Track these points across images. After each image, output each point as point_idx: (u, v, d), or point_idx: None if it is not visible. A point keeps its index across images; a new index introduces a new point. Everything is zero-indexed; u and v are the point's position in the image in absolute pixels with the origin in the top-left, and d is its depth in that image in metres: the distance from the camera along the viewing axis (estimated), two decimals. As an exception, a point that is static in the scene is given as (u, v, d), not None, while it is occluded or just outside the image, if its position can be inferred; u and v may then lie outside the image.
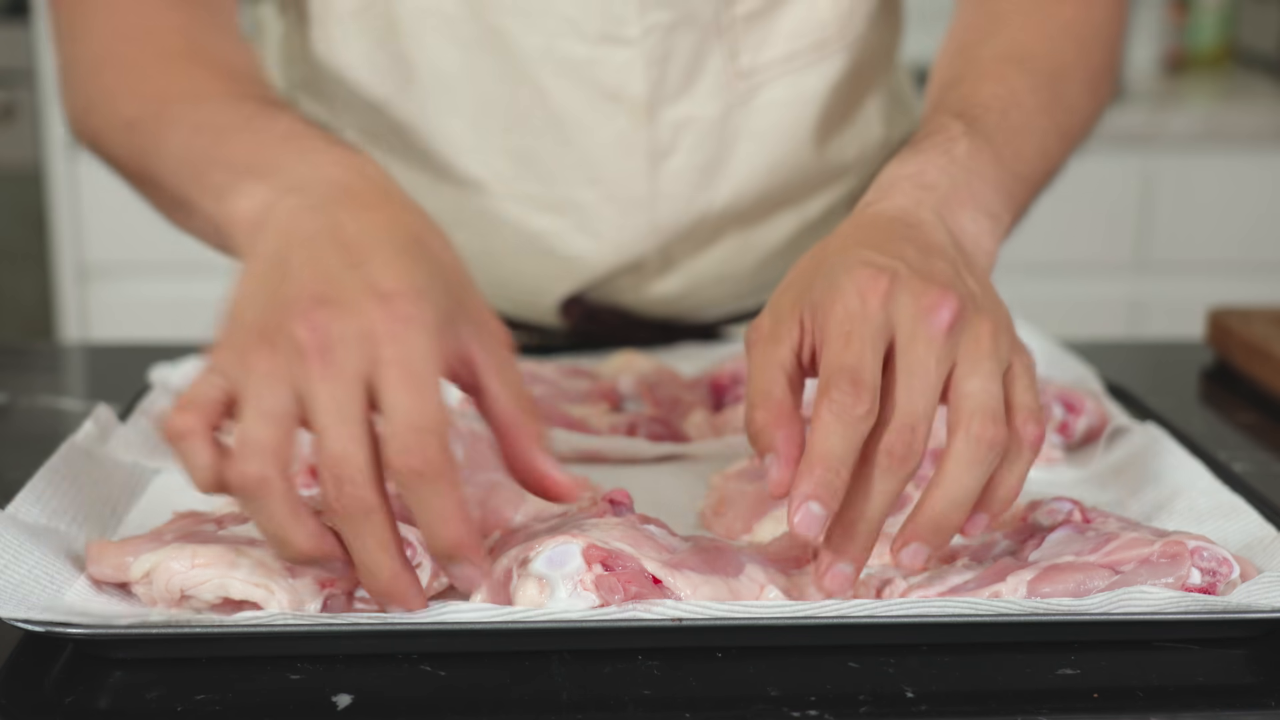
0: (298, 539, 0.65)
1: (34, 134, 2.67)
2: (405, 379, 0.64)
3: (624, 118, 1.07)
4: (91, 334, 2.64)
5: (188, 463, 0.66)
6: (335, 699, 0.65)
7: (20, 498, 0.78)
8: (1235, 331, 1.15)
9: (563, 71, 1.05)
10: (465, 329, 0.69)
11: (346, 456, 0.64)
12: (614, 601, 0.69)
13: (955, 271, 0.74)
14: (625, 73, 1.05)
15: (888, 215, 0.79)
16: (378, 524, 0.65)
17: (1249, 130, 2.65)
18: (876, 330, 0.70)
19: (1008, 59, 0.95)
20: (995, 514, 0.72)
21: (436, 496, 0.65)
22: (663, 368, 1.02)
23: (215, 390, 0.67)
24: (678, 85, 1.07)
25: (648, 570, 0.70)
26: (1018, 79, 0.92)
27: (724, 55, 1.07)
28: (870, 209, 0.80)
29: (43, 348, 1.24)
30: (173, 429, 0.66)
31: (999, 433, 0.70)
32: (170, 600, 0.70)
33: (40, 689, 0.66)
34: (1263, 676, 0.70)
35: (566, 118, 1.07)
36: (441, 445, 0.64)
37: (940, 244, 0.76)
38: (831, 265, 0.74)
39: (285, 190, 0.73)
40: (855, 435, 0.68)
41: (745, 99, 1.09)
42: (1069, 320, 2.59)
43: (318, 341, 0.64)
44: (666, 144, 1.08)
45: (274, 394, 0.65)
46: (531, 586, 0.69)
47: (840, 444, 0.68)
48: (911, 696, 0.67)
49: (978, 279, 0.75)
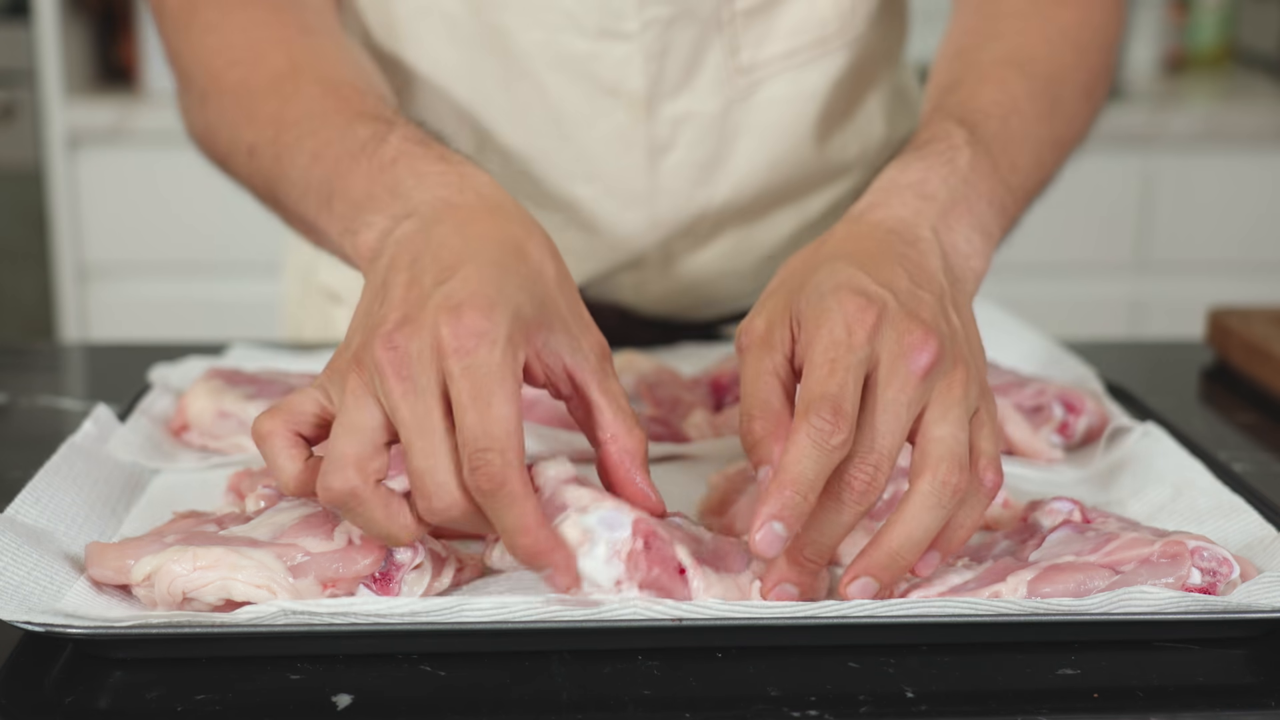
0: (399, 534, 0.69)
1: (34, 134, 2.67)
2: (471, 394, 0.66)
3: (622, 113, 1.07)
4: (91, 334, 2.64)
5: (270, 464, 0.71)
6: (335, 699, 0.65)
7: (20, 499, 0.78)
8: (1235, 331, 1.15)
9: (561, 67, 1.05)
10: (558, 339, 0.71)
11: (427, 470, 0.67)
12: (635, 580, 0.70)
13: (941, 307, 0.75)
14: (624, 67, 1.05)
15: (886, 227, 0.79)
16: (471, 526, 0.68)
17: (1249, 130, 2.65)
18: (860, 362, 0.71)
19: (1008, 63, 0.95)
20: (947, 553, 0.73)
21: (507, 510, 0.67)
22: (663, 368, 1.02)
23: (311, 404, 0.71)
24: (677, 80, 1.07)
25: (678, 558, 0.71)
26: (1018, 84, 0.93)
27: (724, 51, 1.07)
28: (868, 216, 0.81)
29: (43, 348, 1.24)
30: (257, 430, 0.71)
31: (963, 479, 0.71)
32: (172, 603, 0.70)
33: (40, 689, 0.66)
34: (1263, 676, 0.70)
35: (565, 114, 1.07)
36: (506, 461, 0.66)
37: (932, 270, 0.77)
38: (821, 279, 0.75)
39: (400, 217, 0.76)
40: (828, 462, 0.69)
41: (745, 95, 1.09)
42: (1069, 320, 2.59)
43: (395, 360, 0.67)
44: (666, 139, 1.08)
45: (360, 410, 0.68)
46: (575, 530, 0.70)
47: (812, 469, 0.69)
48: (911, 696, 0.67)
49: (960, 311, 0.77)
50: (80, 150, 2.59)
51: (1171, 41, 3.07)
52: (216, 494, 0.86)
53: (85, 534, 0.78)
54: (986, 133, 0.87)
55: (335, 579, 0.71)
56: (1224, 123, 2.65)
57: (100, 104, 2.60)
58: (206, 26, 0.96)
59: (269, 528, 0.73)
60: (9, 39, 2.66)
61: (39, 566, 0.71)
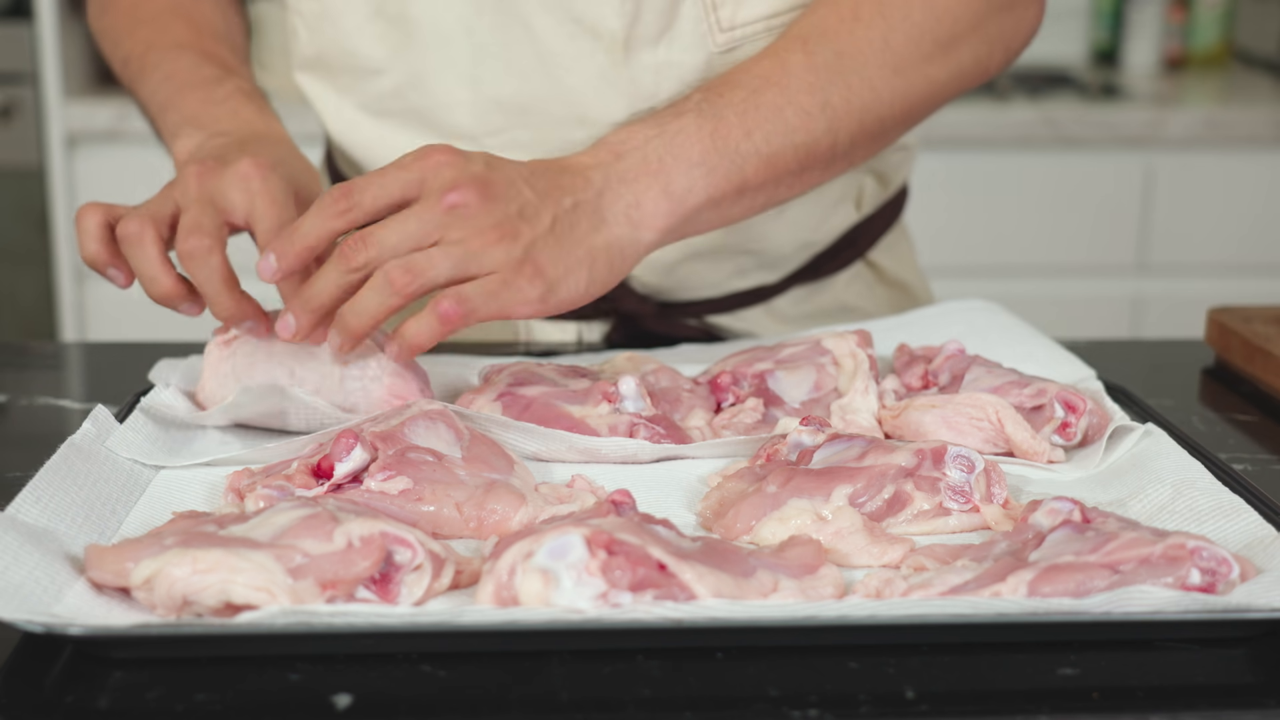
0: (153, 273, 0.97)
1: (34, 134, 2.67)
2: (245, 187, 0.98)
3: (603, 54, 1.09)
4: (91, 334, 2.64)
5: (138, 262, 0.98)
6: (335, 699, 0.65)
7: (20, 498, 0.78)
8: (1235, 331, 1.15)
9: (547, 8, 1.09)
10: (300, 183, 1.01)
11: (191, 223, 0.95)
12: (621, 585, 0.69)
13: (523, 191, 0.91)
14: (601, 6, 1.08)
15: (564, 163, 0.96)
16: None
17: (1249, 130, 2.65)
18: (401, 181, 0.90)
19: (797, 38, 1.04)
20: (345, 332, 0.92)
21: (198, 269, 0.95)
22: (663, 368, 1.02)
23: (169, 205, 0.99)
24: (655, 27, 1.09)
25: (654, 556, 0.70)
26: (794, 58, 1.02)
27: (701, 4, 1.09)
28: (563, 159, 0.97)
29: (43, 347, 1.24)
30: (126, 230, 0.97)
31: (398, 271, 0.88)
32: (171, 606, 0.70)
33: (40, 689, 0.66)
34: (1263, 676, 0.70)
35: (551, 54, 1.10)
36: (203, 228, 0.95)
37: (554, 182, 0.93)
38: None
39: (215, 135, 1.05)
40: (327, 229, 0.90)
41: (726, 50, 1.11)
42: (1069, 320, 2.59)
43: (201, 172, 0.98)
44: (649, 88, 1.10)
45: (161, 202, 0.98)
46: (535, 580, 0.69)
47: (312, 231, 0.90)
48: (911, 696, 0.67)
49: (557, 221, 0.92)
50: (80, 150, 2.59)
51: (1171, 41, 3.07)
52: (216, 494, 0.86)
53: (85, 533, 0.78)
54: (725, 102, 0.99)
55: (334, 580, 0.71)
56: (1224, 123, 2.65)
57: (100, 104, 2.60)
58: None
59: (268, 528, 0.73)
60: (9, 39, 2.66)
61: (39, 566, 0.71)
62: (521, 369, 0.99)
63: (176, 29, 1.18)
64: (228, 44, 1.19)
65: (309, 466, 0.83)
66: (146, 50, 1.16)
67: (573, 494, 0.85)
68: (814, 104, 1.01)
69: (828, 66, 1.02)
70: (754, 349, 1.05)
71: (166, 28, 1.18)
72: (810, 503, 0.82)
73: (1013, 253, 2.69)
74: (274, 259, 0.90)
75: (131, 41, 1.19)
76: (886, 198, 1.27)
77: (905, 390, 1.01)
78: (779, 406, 0.98)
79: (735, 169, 0.99)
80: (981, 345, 1.08)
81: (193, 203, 0.96)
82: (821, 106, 1.02)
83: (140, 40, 1.18)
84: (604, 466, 0.91)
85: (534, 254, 0.90)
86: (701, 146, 0.97)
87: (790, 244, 1.20)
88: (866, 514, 0.83)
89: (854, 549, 0.79)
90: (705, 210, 0.98)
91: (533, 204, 0.91)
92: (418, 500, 0.81)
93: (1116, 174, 2.66)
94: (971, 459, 0.85)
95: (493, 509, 0.82)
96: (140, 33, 1.19)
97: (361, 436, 0.83)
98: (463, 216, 0.89)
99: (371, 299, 0.88)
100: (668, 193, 0.96)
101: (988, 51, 1.10)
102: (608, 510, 0.76)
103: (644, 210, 0.95)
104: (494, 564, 0.71)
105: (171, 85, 1.12)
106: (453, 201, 0.89)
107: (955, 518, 0.84)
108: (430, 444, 0.86)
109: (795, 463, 0.87)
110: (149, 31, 1.18)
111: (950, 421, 0.94)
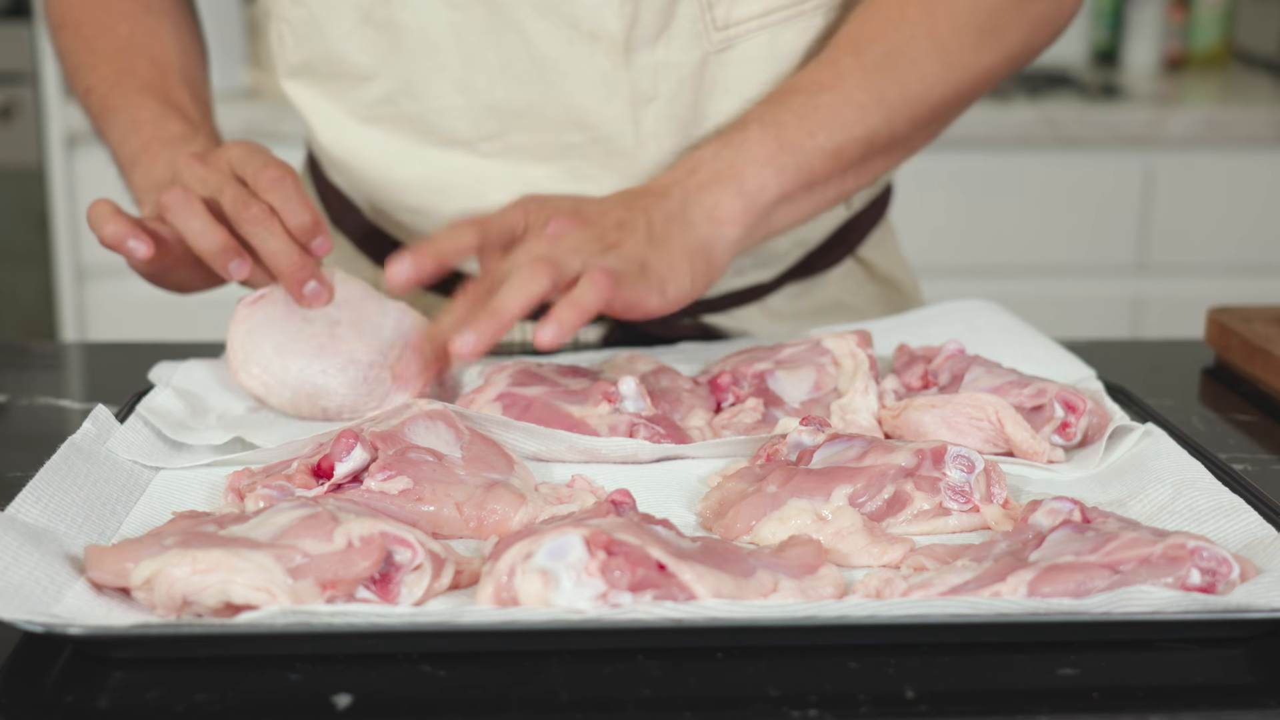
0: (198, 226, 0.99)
1: (34, 134, 2.67)
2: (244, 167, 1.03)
3: (603, 56, 1.10)
4: (91, 334, 2.64)
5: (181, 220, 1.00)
6: (335, 699, 0.65)
7: (20, 498, 0.78)
8: (1235, 331, 1.15)
9: (542, 12, 1.09)
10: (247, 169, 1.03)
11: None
12: (621, 586, 0.69)
13: (617, 210, 0.97)
14: (601, 9, 1.08)
15: (644, 188, 1.02)
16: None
17: (1249, 130, 2.65)
18: (495, 227, 0.96)
19: (843, 44, 1.09)
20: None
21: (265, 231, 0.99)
22: (662, 367, 1.02)
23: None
24: (654, 27, 1.09)
25: (653, 556, 0.70)
26: (846, 62, 1.07)
27: (698, 2, 1.10)
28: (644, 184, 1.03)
29: (43, 347, 1.24)
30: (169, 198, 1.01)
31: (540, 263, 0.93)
32: (171, 606, 0.70)
33: (40, 689, 0.66)
34: (1263, 676, 0.70)
35: (549, 61, 1.10)
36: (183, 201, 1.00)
37: (644, 192, 1.01)
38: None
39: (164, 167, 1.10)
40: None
41: (721, 49, 1.12)
42: (1069, 320, 2.59)
43: (197, 159, 1.03)
44: (648, 89, 1.11)
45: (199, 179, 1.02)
46: (535, 581, 0.69)
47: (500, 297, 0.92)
48: (911, 696, 0.67)
49: (654, 227, 0.98)
50: (80, 150, 2.59)
51: (1171, 41, 3.07)
52: (216, 494, 0.86)
53: (85, 533, 0.78)
54: (785, 109, 1.05)
55: (334, 580, 0.71)
56: (1224, 123, 2.65)
57: (100, 104, 2.59)
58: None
59: (268, 529, 0.73)
60: (9, 39, 2.66)
61: (39, 566, 0.71)
62: (521, 369, 0.99)
63: (140, 68, 1.18)
64: (189, 88, 1.19)
65: (309, 466, 0.83)
66: (109, 90, 1.17)
67: (573, 494, 0.85)
68: (870, 100, 1.07)
69: (878, 66, 1.07)
70: (754, 349, 1.05)
71: (130, 67, 1.18)
72: (810, 503, 0.82)
73: (1013, 253, 2.69)
74: (472, 337, 0.90)
75: (94, 77, 1.19)
76: (874, 195, 1.29)
77: (905, 390, 1.01)
78: (779, 406, 0.98)
79: (803, 165, 1.04)
80: (981, 345, 1.08)
81: (227, 183, 1.00)
82: (878, 102, 1.07)
83: (102, 78, 1.19)
84: (604, 466, 0.91)
85: (639, 257, 0.96)
86: (768, 150, 1.04)
87: (784, 241, 1.21)
88: (866, 514, 0.83)
89: (854, 549, 0.79)
90: (779, 205, 1.04)
91: (627, 219, 0.98)
92: (418, 500, 0.81)
93: (1116, 174, 2.66)
94: (971, 459, 0.85)
95: (493, 509, 0.82)
96: (102, 70, 1.19)
97: (361, 436, 0.83)
98: (568, 239, 0.94)
99: (519, 285, 0.90)
100: (742, 192, 1.02)
101: (1033, 33, 1.15)
102: (607, 510, 0.76)
103: (723, 210, 1.02)
104: (494, 564, 0.71)
105: (138, 140, 1.13)
106: (554, 230, 0.94)
107: (955, 518, 0.84)
108: (430, 444, 0.86)
109: (795, 463, 0.87)
110: (111, 70, 1.19)
111: (950, 421, 0.94)
